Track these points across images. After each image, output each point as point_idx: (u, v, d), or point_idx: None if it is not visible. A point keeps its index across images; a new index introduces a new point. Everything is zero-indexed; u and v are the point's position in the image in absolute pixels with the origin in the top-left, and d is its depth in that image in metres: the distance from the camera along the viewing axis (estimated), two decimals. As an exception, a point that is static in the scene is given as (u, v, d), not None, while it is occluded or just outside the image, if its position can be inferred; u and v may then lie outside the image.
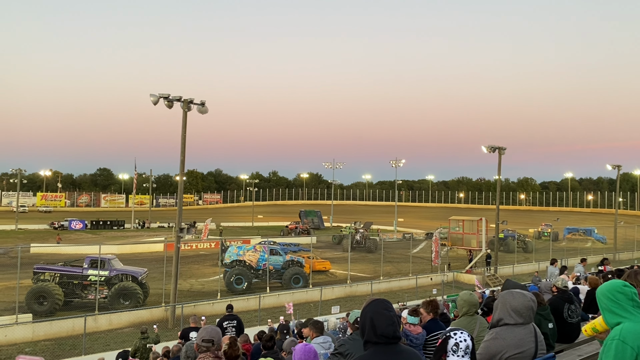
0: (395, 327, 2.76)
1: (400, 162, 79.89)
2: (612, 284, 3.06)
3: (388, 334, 2.72)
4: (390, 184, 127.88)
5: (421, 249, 48.37)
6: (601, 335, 3.25)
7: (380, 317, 2.76)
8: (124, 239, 56.51)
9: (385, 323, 2.73)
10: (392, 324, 2.75)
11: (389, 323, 2.74)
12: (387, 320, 2.75)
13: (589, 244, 53.68)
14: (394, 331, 2.74)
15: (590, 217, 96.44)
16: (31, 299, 22.71)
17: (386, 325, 2.73)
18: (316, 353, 4.12)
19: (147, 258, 37.62)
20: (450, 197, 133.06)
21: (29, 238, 55.91)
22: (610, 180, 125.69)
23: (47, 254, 39.21)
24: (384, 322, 2.73)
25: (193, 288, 30.17)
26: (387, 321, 2.75)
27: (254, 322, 21.03)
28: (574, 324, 6.62)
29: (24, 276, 23.61)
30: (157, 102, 22.41)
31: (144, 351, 13.05)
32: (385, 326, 2.72)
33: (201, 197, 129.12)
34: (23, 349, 17.79)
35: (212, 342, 3.52)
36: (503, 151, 36.00)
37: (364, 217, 76.37)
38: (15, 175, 74.50)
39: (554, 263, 15.99)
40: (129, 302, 23.95)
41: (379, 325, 2.72)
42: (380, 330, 2.71)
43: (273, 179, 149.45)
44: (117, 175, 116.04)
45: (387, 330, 2.72)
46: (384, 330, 2.72)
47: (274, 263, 30.78)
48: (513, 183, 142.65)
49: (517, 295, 3.77)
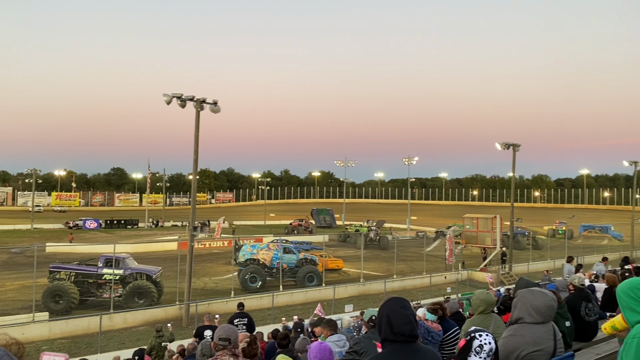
0: (412, 326, 2.74)
1: (413, 159, 79.49)
2: (632, 281, 3.02)
3: (404, 332, 2.70)
4: (402, 182, 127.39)
5: (435, 247, 48.12)
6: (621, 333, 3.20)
7: (397, 315, 2.75)
8: (138, 238, 57.00)
9: (402, 321, 2.72)
10: (409, 322, 2.74)
11: (405, 322, 2.73)
12: (404, 318, 2.74)
13: (606, 242, 53.04)
14: (411, 330, 2.72)
15: (606, 214, 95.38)
16: (47, 298, 22.96)
17: (403, 324, 2.72)
18: (331, 351, 4.10)
19: (161, 257, 37.88)
20: (464, 195, 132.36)
21: (45, 237, 56.61)
22: (627, 177, 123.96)
23: (63, 253, 39.67)
24: (400, 321, 2.72)
25: (207, 286, 30.32)
26: (404, 319, 2.73)
27: (267, 320, 21.08)
28: (592, 322, 6.53)
29: (40, 275, 23.90)
30: (170, 102, 22.51)
31: (160, 349, 13.13)
32: (401, 325, 2.71)
33: (214, 196, 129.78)
34: (40, 347, 18.00)
35: (229, 341, 3.53)
36: (517, 148, 35.66)
37: (377, 216, 76.20)
38: (30, 175, 75.42)
39: (570, 261, 15.80)
40: (144, 300, 24.11)
41: (396, 324, 2.71)
42: (397, 329, 2.71)
43: (285, 177, 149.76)
44: (131, 175, 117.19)
45: (404, 328, 2.71)
46: (401, 329, 2.71)
47: (288, 261, 30.85)
48: (528, 180, 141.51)
49: (537, 294, 3.71)
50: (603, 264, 15.16)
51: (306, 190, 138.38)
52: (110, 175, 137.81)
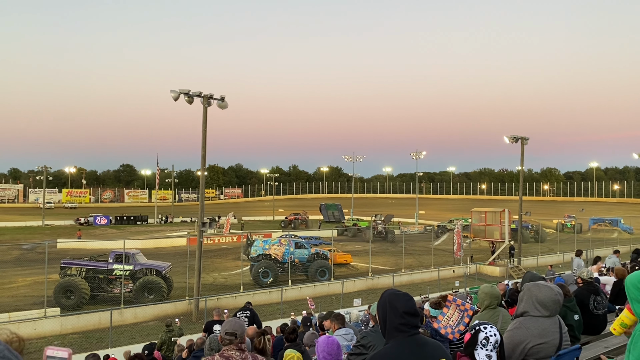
0: (414, 303, 2.68)
1: (421, 154, 79.22)
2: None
3: (410, 310, 2.63)
4: (411, 177, 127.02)
5: (443, 241, 48.02)
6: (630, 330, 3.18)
7: (397, 297, 2.69)
8: (148, 234, 57.33)
9: (404, 299, 2.67)
10: (410, 299, 2.68)
11: (407, 298, 2.67)
12: (405, 296, 2.69)
13: (615, 235, 52.61)
14: (415, 308, 2.65)
15: (616, 207, 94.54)
16: (59, 293, 23.19)
17: (405, 302, 2.65)
18: (339, 345, 4.12)
19: (170, 252, 38.11)
20: (472, 189, 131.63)
21: (56, 234, 57.15)
22: (637, 170, 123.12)
23: (73, 249, 40.04)
24: (402, 300, 2.66)
25: (216, 282, 30.48)
26: (405, 297, 2.68)
27: (276, 315, 21.18)
28: (601, 316, 6.52)
29: (52, 271, 24.14)
30: (178, 98, 22.59)
31: (170, 344, 13.23)
32: (404, 303, 2.65)
33: (222, 192, 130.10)
34: (52, 342, 18.20)
35: (235, 335, 3.55)
36: (526, 141, 35.43)
37: (385, 210, 76.11)
38: (41, 172, 76.03)
39: (579, 254, 15.67)
40: (154, 295, 24.28)
41: (399, 305, 2.64)
42: (402, 308, 2.63)
43: (293, 173, 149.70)
44: (140, 171, 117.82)
45: (408, 305, 2.64)
46: (405, 307, 2.63)
47: (300, 256, 31.00)
48: (536, 173, 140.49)
49: (543, 288, 3.71)
50: (616, 256, 14.95)
51: (314, 186, 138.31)
52: (120, 172, 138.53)
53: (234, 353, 3.51)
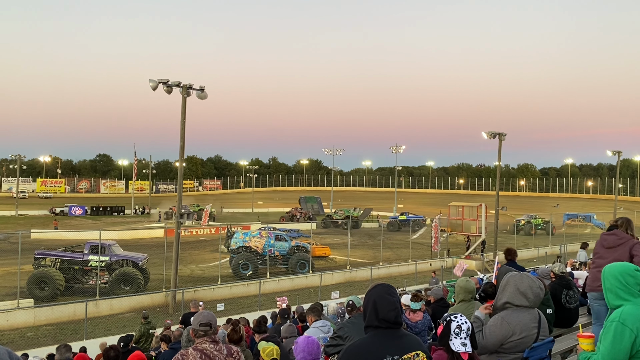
0: (397, 313, 2.78)
1: (400, 148, 79.72)
2: (624, 266, 3.00)
3: (389, 318, 2.74)
4: (390, 170, 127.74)
5: (421, 235, 48.45)
6: None
7: (383, 301, 2.79)
8: (124, 225, 56.64)
9: (388, 308, 2.76)
10: (395, 309, 2.78)
11: (391, 308, 2.76)
12: (390, 305, 2.78)
13: (589, 230, 53.66)
14: (396, 316, 2.76)
15: (590, 203, 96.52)
16: (32, 284, 22.77)
17: (388, 310, 2.75)
18: (319, 345, 4.11)
19: (147, 244, 37.72)
20: (450, 183, 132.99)
21: (29, 224, 56.08)
22: (611, 167, 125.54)
23: (48, 239, 39.34)
24: (386, 307, 2.76)
25: (193, 273, 30.30)
26: (390, 306, 2.77)
27: (254, 307, 21.15)
28: (572, 309, 6.66)
29: (25, 262, 23.69)
30: (156, 88, 22.25)
31: (148, 336, 13.14)
32: (387, 311, 2.75)
33: (201, 183, 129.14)
34: (25, 333, 17.92)
35: (210, 326, 3.53)
36: (503, 137, 35.85)
37: (364, 203, 76.44)
38: (14, 161, 74.46)
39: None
40: (130, 287, 24.01)
41: (381, 310, 2.75)
42: (382, 315, 2.74)
43: (273, 165, 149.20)
44: (117, 161, 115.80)
45: (389, 315, 2.75)
46: (386, 315, 2.74)
47: (280, 249, 30.91)
48: (513, 169, 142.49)
49: (526, 279, 3.76)
50: (584, 251, 15.34)
51: (294, 178, 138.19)
52: (96, 162, 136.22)
53: (207, 345, 3.48)
